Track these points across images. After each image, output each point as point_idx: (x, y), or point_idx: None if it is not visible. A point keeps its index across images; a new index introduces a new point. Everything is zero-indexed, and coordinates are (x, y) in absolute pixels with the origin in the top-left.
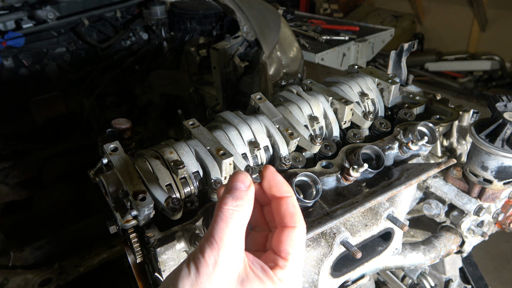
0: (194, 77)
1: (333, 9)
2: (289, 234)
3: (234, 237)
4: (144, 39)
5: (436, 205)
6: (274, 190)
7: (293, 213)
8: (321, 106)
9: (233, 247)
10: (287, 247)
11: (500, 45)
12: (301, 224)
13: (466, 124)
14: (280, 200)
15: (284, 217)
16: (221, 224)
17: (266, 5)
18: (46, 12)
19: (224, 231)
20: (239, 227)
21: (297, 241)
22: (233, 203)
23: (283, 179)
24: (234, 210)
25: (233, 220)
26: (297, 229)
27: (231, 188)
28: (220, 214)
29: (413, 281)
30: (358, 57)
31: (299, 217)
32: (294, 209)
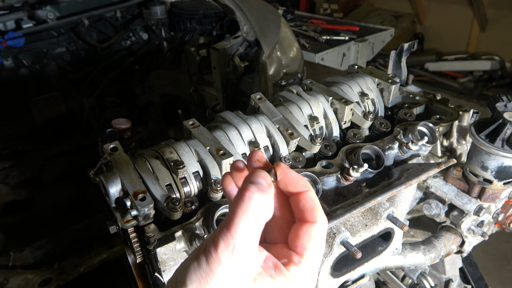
0: (194, 77)
1: (333, 9)
2: (308, 229)
3: (252, 233)
4: (144, 39)
5: (436, 205)
6: (291, 187)
7: (313, 208)
8: (321, 106)
9: (249, 245)
10: (304, 243)
11: (500, 45)
12: (322, 219)
13: (466, 124)
14: (298, 195)
15: (303, 212)
16: (241, 217)
17: (266, 5)
18: (46, 12)
19: (244, 225)
20: (260, 222)
21: (316, 237)
22: (257, 192)
23: (297, 174)
24: (258, 202)
25: (255, 214)
26: (317, 224)
27: (253, 179)
28: (242, 204)
29: (413, 281)
30: (358, 57)
31: (319, 212)
32: (313, 203)
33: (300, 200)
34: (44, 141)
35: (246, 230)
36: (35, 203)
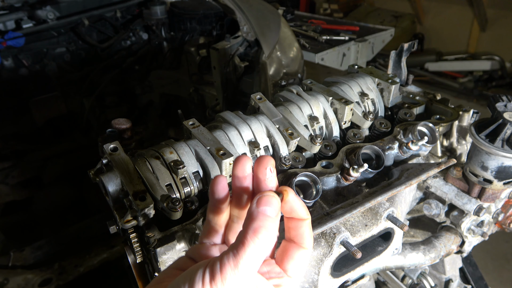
0: (194, 77)
1: (333, 9)
2: (302, 254)
3: (258, 261)
4: (144, 39)
5: (436, 205)
6: (295, 214)
7: (309, 236)
8: (321, 106)
9: (252, 273)
10: (295, 267)
11: (500, 45)
12: (311, 247)
13: (466, 124)
14: (299, 221)
15: (301, 237)
16: (251, 246)
17: (266, 5)
18: (46, 12)
19: (251, 257)
20: (266, 252)
21: (304, 262)
22: (270, 224)
23: (302, 202)
24: (268, 234)
25: (264, 245)
26: (308, 251)
27: (267, 207)
28: (253, 234)
29: (413, 281)
30: (358, 57)
31: (312, 240)
32: (310, 232)
33: (301, 226)
34: (44, 141)
35: (253, 259)
36: (35, 203)
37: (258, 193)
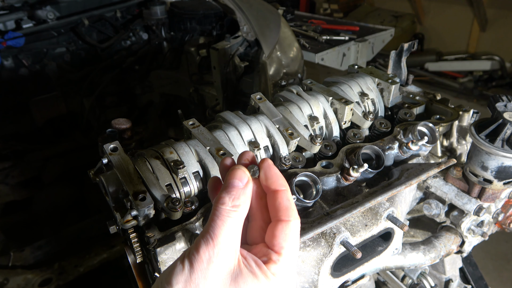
0: (194, 77)
1: (333, 9)
2: (283, 228)
3: (230, 234)
4: (144, 39)
5: (436, 205)
6: (270, 182)
7: (287, 207)
8: (321, 106)
9: (228, 245)
10: (281, 241)
11: (500, 45)
12: (295, 218)
13: (466, 124)
14: (275, 193)
15: (278, 210)
16: (217, 221)
17: (266, 5)
18: (46, 12)
19: (220, 228)
20: (236, 225)
21: (291, 235)
22: (229, 202)
23: (279, 172)
24: (231, 210)
25: (230, 219)
26: (291, 223)
27: (228, 185)
28: (217, 213)
29: (413, 281)
30: (358, 57)
31: (293, 211)
32: (288, 202)
33: (277, 198)
34: (44, 141)
35: (224, 232)
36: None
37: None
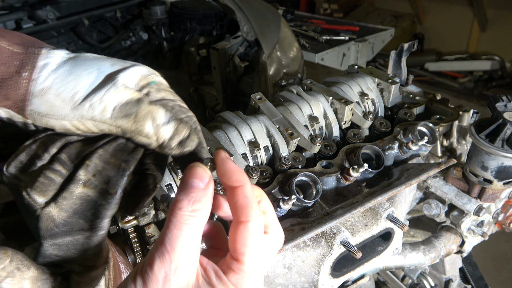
0: (194, 77)
1: (333, 9)
2: (242, 230)
3: (189, 246)
4: (144, 39)
5: (436, 205)
6: (225, 178)
7: (245, 205)
8: (321, 106)
9: (187, 258)
10: (240, 247)
11: (500, 45)
12: (254, 217)
13: (466, 124)
14: (231, 190)
15: (236, 210)
16: (174, 231)
17: (266, 5)
18: (46, 12)
19: (178, 239)
20: (196, 233)
21: (251, 239)
22: (188, 207)
23: (236, 166)
24: (190, 216)
25: (188, 226)
26: (249, 223)
27: (186, 186)
28: (173, 219)
29: (413, 281)
30: (358, 57)
31: (252, 209)
32: (245, 200)
33: (233, 196)
34: None
35: (181, 243)
36: None
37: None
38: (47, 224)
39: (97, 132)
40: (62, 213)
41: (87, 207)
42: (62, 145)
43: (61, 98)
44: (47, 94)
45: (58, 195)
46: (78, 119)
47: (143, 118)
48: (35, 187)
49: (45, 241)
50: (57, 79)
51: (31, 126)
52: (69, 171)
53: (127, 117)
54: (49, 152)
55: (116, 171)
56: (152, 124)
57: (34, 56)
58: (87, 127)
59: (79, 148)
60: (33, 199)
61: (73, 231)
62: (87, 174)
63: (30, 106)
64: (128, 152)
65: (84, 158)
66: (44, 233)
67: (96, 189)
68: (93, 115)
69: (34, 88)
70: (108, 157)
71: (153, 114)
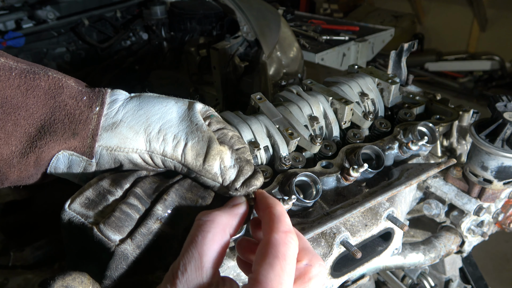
0: (194, 77)
1: (333, 9)
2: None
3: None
4: (144, 39)
5: (436, 205)
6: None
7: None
8: (321, 106)
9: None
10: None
11: (500, 45)
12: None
13: (466, 124)
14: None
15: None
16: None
17: (266, 5)
18: (46, 12)
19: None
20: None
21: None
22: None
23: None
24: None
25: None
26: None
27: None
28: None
29: (413, 281)
30: (358, 57)
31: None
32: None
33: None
34: None
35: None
36: (35, 203)
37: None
38: (118, 263)
39: (162, 168)
40: (137, 251)
41: (162, 243)
42: (134, 179)
43: (134, 130)
44: (120, 127)
45: (135, 231)
46: (149, 152)
47: (213, 159)
48: (109, 223)
49: (110, 282)
50: (128, 113)
51: (92, 168)
52: (145, 207)
53: (198, 156)
54: (122, 187)
55: (193, 206)
56: (221, 165)
57: (102, 93)
58: (155, 162)
59: (153, 183)
60: (107, 236)
61: (144, 270)
62: (165, 209)
63: (100, 141)
64: (203, 188)
65: (162, 193)
66: (112, 273)
67: (171, 225)
68: (165, 149)
69: (106, 122)
70: (184, 192)
71: (222, 155)
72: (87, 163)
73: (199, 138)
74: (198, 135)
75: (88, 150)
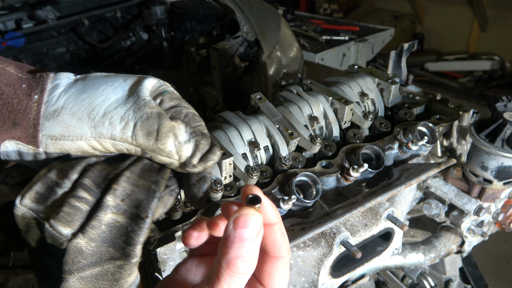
0: (194, 77)
1: (333, 9)
2: (279, 265)
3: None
4: (144, 39)
5: (436, 205)
6: (265, 216)
7: (282, 241)
8: (321, 106)
9: None
10: (277, 280)
11: (500, 45)
12: (289, 252)
13: (466, 124)
14: (269, 227)
15: (273, 245)
16: (229, 282)
17: (266, 5)
18: (46, 12)
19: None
20: (246, 279)
21: (284, 271)
22: (244, 267)
23: (270, 202)
24: (246, 274)
25: (241, 281)
26: (284, 258)
27: (239, 239)
28: (231, 272)
29: (413, 281)
30: (358, 57)
31: (288, 245)
32: (283, 237)
33: (271, 232)
34: None
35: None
36: None
37: (235, 211)
38: (74, 257)
39: (114, 152)
40: (91, 244)
41: (117, 234)
42: (82, 169)
43: (77, 117)
44: (61, 114)
45: (85, 224)
46: (96, 139)
47: (165, 136)
48: (59, 218)
49: (70, 276)
50: (70, 98)
51: (41, 156)
52: (95, 198)
53: (149, 135)
54: (69, 179)
55: (146, 193)
56: (175, 142)
57: (42, 79)
58: (104, 147)
59: (102, 171)
60: (58, 231)
61: (102, 261)
62: (115, 199)
63: (43, 130)
64: (156, 171)
65: (111, 182)
66: (70, 268)
67: (126, 214)
68: (113, 133)
69: (46, 111)
70: (136, 179)
71: (175, 131)
72: (35, 151)
73: (148, 115)
74: (147, 112)
75: (32, 140)
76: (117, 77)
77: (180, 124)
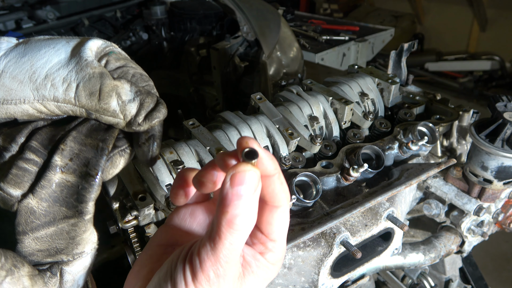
0: (194, 77)
1: (333, 9)
2: (279, 214)
3: (240, 247)
4: (144, 39)
5: (436, 205)
6: (263, 168)
7: (282, 192)
8: (321, 106)
9: (236, 259)
10: (277, 229)
11: (500, 45)
12: (288, 201)
13: (466, 124)
14: (267, 178)
15: (272, 196)
16: (231, 240)
17: (266, 5)
18: (46, 12)
19: (231, 249)
20: (247, 233)
21: (286, 221)
22: (244, 223)
23: (269, 153)
24: (245, 217)
25: (242, 237)
26: (283, 208)
27: (241, 185)
28: (232, 230)
29: (413, 281)
30: (358, 57)
31: (287, 195)
32: (282, 187)
33: (270, 183)
34: None
35: (234, 249)
36: None
37: (231, 168)
38: (26, 218)
39: (60, 115)
40: (42, 203)
41: (68, 193)
42: (29, 132)
43: (18, 80)
44: (2, 78)
45: (35, 185)
46: (39, 101)
47: (108, 95)
48: (8, 180)
49: (25, 237)
50: (10, 62)
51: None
52: (43, 159)
53: (91, 95)
54: (16, 142)
55: (95, 151)
56: (118, 101)
57: None
58: (49, 109)
59: (49, 133)
60: (8, 193)
61: (56, 220)
62: (63, 158)
63: None
64: (103, 130)
65: (58, 142)
66: (24, 228)
67: (76, 173)
68: (56, 95)
69: None
70: (83, 138)
71: (118, 90)
72: None
73: (90, 75)
74: (89, 72)
75: None
76: (60, 39)
77: (124, 83)
